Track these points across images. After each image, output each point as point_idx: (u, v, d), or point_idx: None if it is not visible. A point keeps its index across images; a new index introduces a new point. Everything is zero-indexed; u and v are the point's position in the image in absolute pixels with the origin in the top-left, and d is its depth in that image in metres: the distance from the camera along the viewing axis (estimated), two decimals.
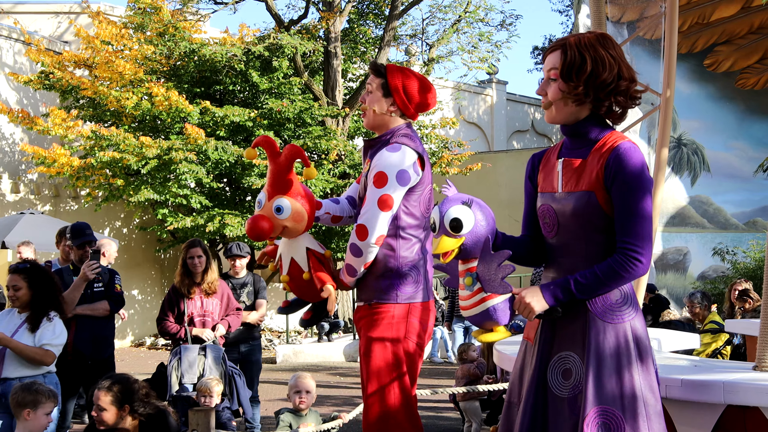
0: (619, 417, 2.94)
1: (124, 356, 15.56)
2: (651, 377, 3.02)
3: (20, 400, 4.88)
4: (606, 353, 3.01)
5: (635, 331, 3.04)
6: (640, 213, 2.97)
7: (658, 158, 6.40)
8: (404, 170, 3.90)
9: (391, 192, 3.88)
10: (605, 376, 2.98)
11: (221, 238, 16.72)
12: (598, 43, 3.09)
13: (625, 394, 2.96)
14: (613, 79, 3.06)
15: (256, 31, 18.66)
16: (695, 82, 16.96)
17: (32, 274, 5.77)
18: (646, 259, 2.97)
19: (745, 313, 8.72)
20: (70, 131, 15.65)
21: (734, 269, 16.48)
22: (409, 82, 4.11)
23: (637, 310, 3.09)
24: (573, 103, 3.12)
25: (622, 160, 2.98)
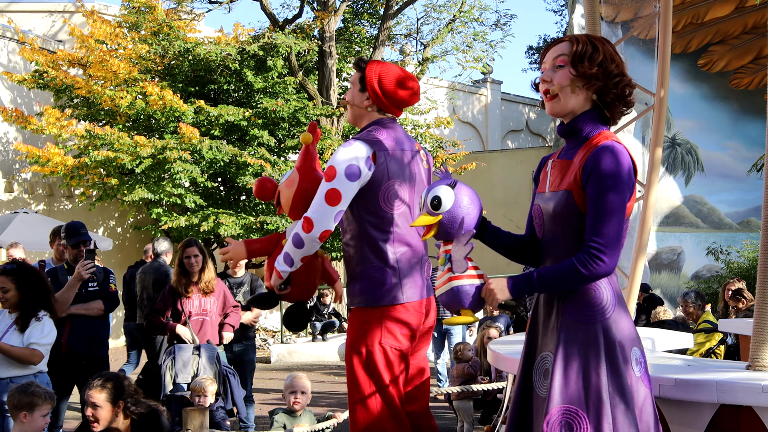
0: (583, 417, 2.94)
1: (119, 356, 15.52)
2: (622, 379, 2.97)
3: (16, 402, 4.86)
4: (573, 352, 3.01)
5: (607, 331, 3.01)
6: (609, 213, 2.95)
7: (652, 158, 6.41)
8: (353, 165, 3.78)
9: (338, 186, 3.77)
10: (571, 376, 2.99)
11: (216, 237, 16.71)
12: (601, 41, 3.15)
13: (589, 394, 2.95)
14: (620, 72, 3.11)
15: (251, 31, 18.65)
16: (689, 81, 16.99)
17: (20, 274, 5.75)
18: (609, 258, 2.95)
19: (738, 313, 8.73)
20: (64, 130, 15.63)
21: (728, 269, 16.50)
22: (386, 77, 4.01)
23: (615, 310, 3.04)
24: (580, 89, 3.13)
25: (599, 159, 2.97)
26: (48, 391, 5.03)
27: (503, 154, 24.33)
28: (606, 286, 3.06)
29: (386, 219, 3.88)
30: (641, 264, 6.43)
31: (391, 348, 3.87)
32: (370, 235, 3.89)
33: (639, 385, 3.03)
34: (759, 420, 3.67)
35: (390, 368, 3.88)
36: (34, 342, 5.59)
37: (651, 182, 6.35)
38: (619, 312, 3.05)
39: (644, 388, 3.05)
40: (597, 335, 3.00)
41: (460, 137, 23.59)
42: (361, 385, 3.89)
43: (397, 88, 4.01)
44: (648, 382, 3.09)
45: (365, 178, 3.83)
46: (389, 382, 3.87)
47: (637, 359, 3.05)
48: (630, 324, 3.09)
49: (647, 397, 3.06)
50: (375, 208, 3.88)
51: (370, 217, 3.88)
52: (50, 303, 5.87)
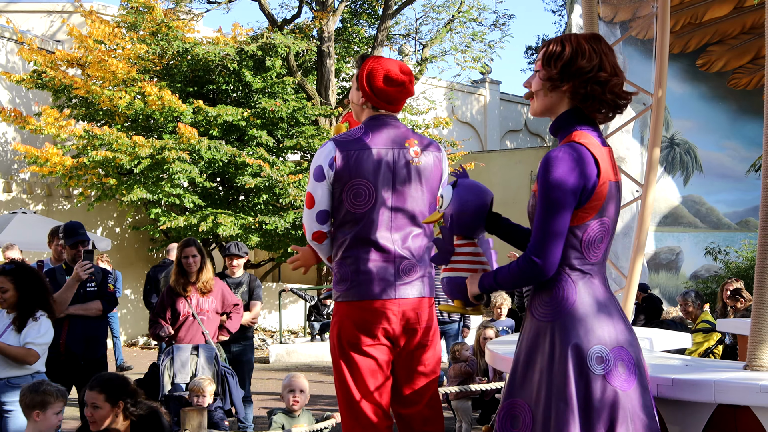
0: (527, 410, 3.05)
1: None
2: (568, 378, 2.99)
3: (29, 401, 4.86)
4: (526, 348, 3.14)
5: (561, 329, 3.05)
6: (540, 218, 3.05)
7: (650, 158, 6.41)
8: (318, 166, 3.93)
9: (310, 189, 3.96)
10: (520, 371, 3.13)
11: (214, 237, 16.72)
12: (584, 38, 3.18)
13: (536, 390, 3.05)
14: (592, 68, 3.12)
15: (250, 31, 18.68)
16: (688, 81, 17.00)
17: (18, 275, 5.74)
18: (541, 261, 3.03)
19: (736, 313, 8.74)
20: (62, 130, 15.63)
21: (726, 269, 16.51)
22: (376, 72, 4.02)
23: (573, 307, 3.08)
24: (551, 92, 3.20)
25: (543, 165, 3.06)
26: (60, 388, 5.01)
27: (502, 154, 24.33)
28: (569, 285, 3.11)
29: (351, 216, 3.93)
30: (639, 264, 6.43)
31: (350, 344, 3.93)
32: (336, 232, 4.00)
33: (601, 384, 3.01)
34: (757, 420, 3.67)
35: (348, 363, 3.93)
36: (30, 342, 5.58)
37: (649, 182, 6.35)
38: (579, 310, 3.08)
39: (609, 387, 3.02)
40: (549, 333, 3.08)
41: (459, 137, 23.61)
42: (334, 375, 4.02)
43: (384, 84, 4.01)
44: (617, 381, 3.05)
45: (330, 178, 3.92)
46: (348, 377, 3.93)
47: (602, 357, 3.03)
48: (599, 321, 3.09)
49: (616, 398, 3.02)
50: (340, 205, 3.95)
51: (337, 214, 3.97)
52: (49, 303, 5.86)
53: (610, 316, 3.13)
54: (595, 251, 3.13)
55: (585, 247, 3.12)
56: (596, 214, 3.11)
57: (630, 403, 3.05)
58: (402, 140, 4.03)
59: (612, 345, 3.08)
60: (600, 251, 3.16)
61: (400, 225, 3.98)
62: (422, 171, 4.04)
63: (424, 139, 4.14)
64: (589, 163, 3.07)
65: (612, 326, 3.11)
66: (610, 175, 3.12)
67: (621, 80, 3.18)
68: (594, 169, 3.07)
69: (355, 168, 3.90)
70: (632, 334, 3.17)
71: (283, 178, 15.91)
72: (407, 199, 4.00)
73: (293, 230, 16.25)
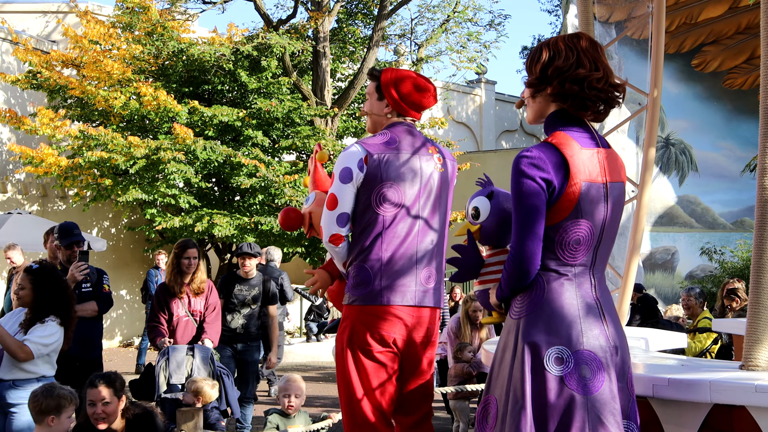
0: (495, 406, 3.14)
1: (113, 357, 15.53)
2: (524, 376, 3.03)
3: (44, 407, 4.76)
4: (500, 345, 3.23)
5: (524, 328, 3.10)
6: (515, 219, 3.11)
7: (646, 158, 6.42)
8: (346, 168, 3.90)
9: (334, 190, 3.92)
10: (495, 367, 3.23)
11: (210, 238, 16.70)
12: (561, 38, 3.21)
13: (501, 386, 3.13)
14: (569, 67, 3.14)
15: (245, 31, 18.65)
16: (683, 82, 17.02)
17: (38, 275, 5.67)
18: (518, 261, 3.09)
19: (732, 312, 8.75)
20: (57, 131, 15.61)
21: (722, 269, 16.53)
22: (402, 81, 4.08)
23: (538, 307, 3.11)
24: (537, 96, 3.26)
25: (513, 165, 3.13)
26: (72, 391, 4.95)
27: (497, 154, 24.33)
28: (540, 285, 3.14)
29: (377, 220, 3.91)
30: (635, 264, 6.44)
31: (364, 349, 3.90)
32: (360, 236, 3.94)
33: (556, 385, 3.03)
34: (752, 420, 3.67)
35: (357, 367, 3.91)
36: (28, 339, 5.49)
37: (644, 182, 6.36)
38: (544, 309, 3.10)
39: (566, 389, 3.03)
40: (515, 331, 3.14)
41: (455, 137, 23.61)
42: (337, 379, 4.01)
43: (414, 91, 4.08)
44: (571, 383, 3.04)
45: (358, 179, 3.89)
46: (355, 381, 3.91)
47: (562, 358, 3.04)
48: (557, 322, 3.09)
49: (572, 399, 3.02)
50: (366, 209, 3.92)
51: (362, 217, 3.93)
52: (65, 310, 5.71)
53: (585, 318, 3.11)
54: (571, 253, 3.13)
55: (559, 248, 3.12)
56: (570, 215, 3.10)
57: (591, 409, 3.02)
58: (425, 147, 4.06)
59: (576, 348, 3.07)
60: (579, 253, 3.14)
61: (424, 231, 3.99)
62: (445, 178, 4.10)
63: (438, 146, 4.20)
64: (556, 163, 3.08)
65: (580, 329, 3.09)
66: (586, 176, 3.11)
67: (604, 74, 3.18)
68: (561, 169, 3.08)
69: (385, 171, 3.91)
70: (610, 340, 3.14)
71: (279, 178, 15.90)
72: (433, 206, 4.03)
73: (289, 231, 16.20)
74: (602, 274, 3.28)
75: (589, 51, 3.17)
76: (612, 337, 3.14)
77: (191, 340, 7.06)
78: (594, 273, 3.21)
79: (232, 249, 17.98)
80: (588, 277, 3.18)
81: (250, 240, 15.46)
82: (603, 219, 3.16)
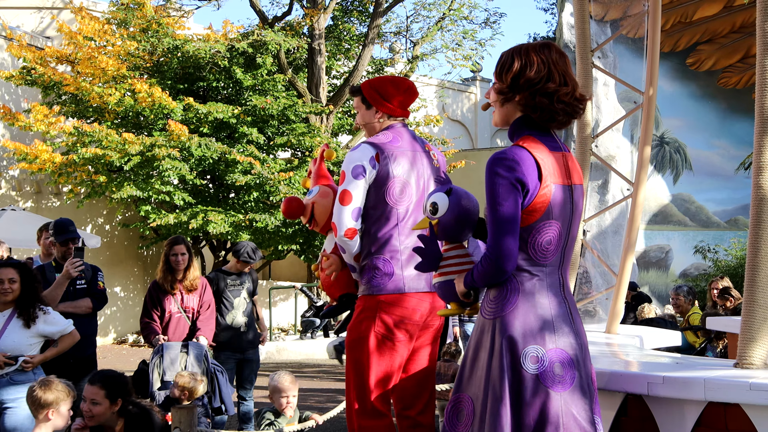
0: (469, 403, 3.19)
1: (107, 354, 15.52)
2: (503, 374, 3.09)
3: (42, 401, 4.78)
4: (473, 344, 3.27)
5: (501, 326, 3.15)
6: (490, 218, 3.14)
7: (641, 156, 6.43)
8: (358, 165, 4.08)
9: (347, 186, 4.08)
10: (467, 366, 3.26)
11: (204, 235, 16.68)
12: (533, 49, 3.26)
13: (477, 384, 3.18)
14: (540, 80, 3.20)
15: (240, 28, 18.61)
16: (678, 80, 17.04)
17: (24, 269, 5.76)
18: (495, 258, 3.12)
19: (726, 311, 8.77)
20: (52, 127, 15.58)
21: (716, 267, 16.56)
22: (382, 85, 4.32)
23: (514, 306, 3.16)
24: (505, 103, 3.31)
25: (487, 166, 3.18)
26: (68, 382, 4.99)
27: (492, 152, 24.24)
28: (514, 285, 3.19)
29: (392, 213, 4.12)
30: (630, 262, 6.46)
31: (384, 337, 4.06)
32: (375, 229, 4.12)
33: (531, 383, 3.09)
34: (746, 417, 3.68)
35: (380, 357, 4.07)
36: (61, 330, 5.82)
37: (639, 181, 6.37)
38: (520, 309, 3.16)
39: (541, 387, 3.09)
40: (491, 330, 3.18)
41: (450, 135, 23.61)
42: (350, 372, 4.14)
43: (395, 90, 4.31)
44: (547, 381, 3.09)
45: (371, 176, 4.09)
46: (372, 372, 4.06)
47: (537, 357, 3.10)
48: (532, 321, 3.15)
49: (548, 396, 3.08)
50: (378, 203, 4.11)
51: (376, 212, 4.12)
52: (43, 302, 5.87)
53: (555, 318, 3.18)
54: (543, 253, 3.19)
55: (532, 249, 3.18)
56: (542, 217, 3.17)
57: (564, 405, 3.10)
58: (422, 144, 4.34)
59: (550, 346, 3.14)
60: (550, 254, 3.21)
61: None
62: (438, 171, 4.34)
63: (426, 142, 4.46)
64: (530, 166, 3.15)
65: (552, 328, 3.17)
66: (556, 179, 3.19)
67: (572, 88, 3.25)
68: (535, 171, 3.15)
69: (395, 167, 4.13)
70: (578, 338, 3.21)
71: (274, 175, 15.88)
72: None
73: (284, 228, 16.22)
74: (568, 273, 3.34)
75: (559, 64, 3.24)
76: (580, 334, 3.23)
77: (185, 337, 7.06)
78: (562, 273, 3.28)
79: (226, 246, 17.97)
80: (557, 276, 3.25)
81: (245, 238, 15.45)
82: (569, 220, 3.25)
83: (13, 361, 5.54)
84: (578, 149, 6.60)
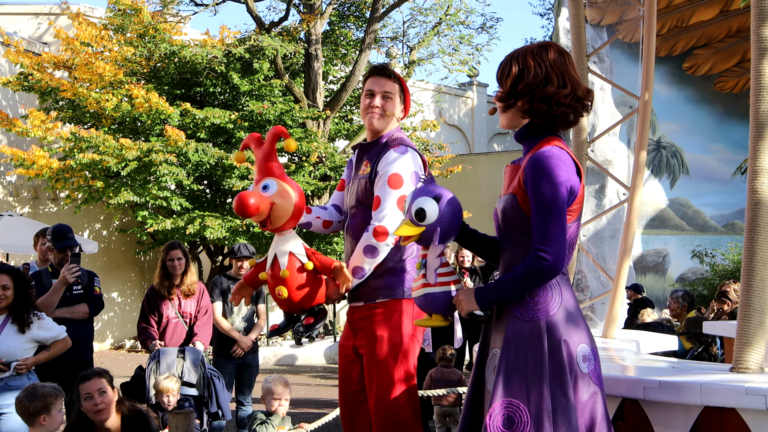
0: (523, 409, 3.03)
1: (104, 359, 15.50)
2: (564, 375, 3.05)
3: (32, 409, 4.80)
4: (517, 349, 3.11)
5: (551, 328, 3.09)
6: (546, 216, 3.05)
7: (637, 161, 6.44)
8: (416, 172, 4.03)
9: (407, 193, 3.83)
10: (513, 371, 3.09)
11: (202, 240, 16.67)
12: (531, 53, 3.22)
13: (530, 389, 3.04)
14: (537, 84, 3.17)
15: (237, 33, 18.62)
16: (674, 85, 17.06)
17: (17, 275, 5.79)
18: (552, 257, 3.04)
19: (722, 314, 8.78)
20: (49, 133, 15.58)
21: (713, 271, 16.58)
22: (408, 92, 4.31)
23: (560, 307, 3.13)
24: (507, 110, 3.29)
25: (534, 164, 3.10)
26: (55, 386, 5.01)
27: (489, 156, 24.35)
28: (555, 286, 3.16)
29: None
30: (626, 266, 6.46)
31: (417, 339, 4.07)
32: None
33: (585, 381, 3.11)
34: (743, 422, 3.68)
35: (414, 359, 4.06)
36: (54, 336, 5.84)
37: (636, 185, 6.38)
38: (565, 310, 3.14)
39: (593, 385, 3.13)
40: (541, 332, 3.09)
41: (446, 140, 23.61)
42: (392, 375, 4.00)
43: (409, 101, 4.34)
44: (597, 380, 3.16)
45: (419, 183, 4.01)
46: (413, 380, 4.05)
47: (586, 356, 3.13)
48: (578, 322, 3.16)
49: (596, 394, 3.13)
50: None
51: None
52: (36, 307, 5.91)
53: (583, 317, 3.22)
54: (569, 254, 3.19)
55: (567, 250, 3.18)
56: (576, 218, 3.20)
57: (604, 401, 3.16)
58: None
59: (591, 344, 3.19)
60: (570, 254, 3.23)
61: None
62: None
63: None
64: (573, 166, 3.14)
65: (586, 325, 3.21)
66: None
67: (571, 89, 3.20)
68: (575, 172, 3.15)
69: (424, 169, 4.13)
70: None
71: None
72: None
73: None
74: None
75: (557, 64, 3.19)
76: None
77: (182, 342, 7.06)
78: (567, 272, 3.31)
79: (223, 251, 17.96)
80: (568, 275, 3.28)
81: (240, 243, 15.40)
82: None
83: (6, 368, 5.55)
84: (575, 153, 6.60)
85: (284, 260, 3.84)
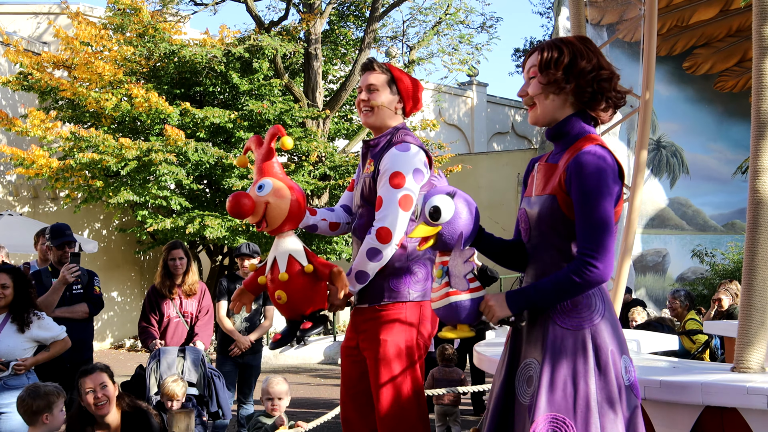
0: (570, 425, 2.86)
1: (104, 358, 15.46)
2: (611, 387, 2.91)
3: (35, 408, 4.78)
4: (561, 359, 2.94)
5: (596, 338, 2.94)
6: (596, 220, 2.89)
7: (637, 160, 6.43)
8: (418, 169, 3.85)
9: (410, 191, 3.81)
10: (558, 383, 2.91)
11: (201, 239, 16.67)
12: (576, 39, 3.11)
13: (578, 402, 2.88)
14: (593, 68, 3.03)
15: (237, 33, 18.62)
16: (674, 84, 17.07)
17: (17, 274, 5.78)
18: (602, 265, 2.88)
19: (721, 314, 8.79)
20: (49, 132, 15.57)
21: (713, 271, 16.58)
22: (416, 85, 4.09)
23: (603, 316, 2.97)
24: (553, 95, 3.07)
25: (580, 164, 2.92)
26: (56, 385, 5.00)
27: (489, 156, 24.36)
28: (597, 293, 3.00)
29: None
30: (627, 266, 6.46)
31: (424, 343, 3.98)
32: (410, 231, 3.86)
33: (628, 394, 2.96)
34: (744, 422, 3.68)
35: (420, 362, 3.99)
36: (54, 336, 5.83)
37: (636, 184, 6.37)
38: (608, 318, 2.99)
39: (633, 398, 2.98)
40: (586, 342, 2.94)
41: (446, 139, 23.60)
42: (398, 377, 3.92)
43: (415, 90, 4.09)
44: (637, 392, 3.02)
45: (425, 181, 3.88)
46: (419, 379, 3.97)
47: (627, 367, 2.99)
48: (619, 331, 3.02)
49: (637, 408, 2.98)
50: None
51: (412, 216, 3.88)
52: (36, 307, 5.90)
53: (616, 317, 3.07)
54: None
55: None
56: (618, 220, 3.02)
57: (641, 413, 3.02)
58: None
59: (631, 355, 3.06)
60: None
61: None
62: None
63: None
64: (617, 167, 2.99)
65: (619, 329, 3.05)
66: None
67: (617, 76, 3.11)
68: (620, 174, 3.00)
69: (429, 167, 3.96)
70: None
71: None
72: None
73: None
74: None
75: (602, 55, 3.10)
76: None
77: (183, 342, 7.05)
78: None
79: (223, 251, 17.96)
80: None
81: (242, 242, 15.41)
82: None
83: (5, 367, 5.55)
84: None
85: (283, 263, 3.72)
